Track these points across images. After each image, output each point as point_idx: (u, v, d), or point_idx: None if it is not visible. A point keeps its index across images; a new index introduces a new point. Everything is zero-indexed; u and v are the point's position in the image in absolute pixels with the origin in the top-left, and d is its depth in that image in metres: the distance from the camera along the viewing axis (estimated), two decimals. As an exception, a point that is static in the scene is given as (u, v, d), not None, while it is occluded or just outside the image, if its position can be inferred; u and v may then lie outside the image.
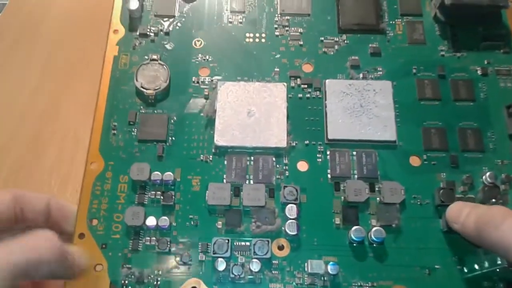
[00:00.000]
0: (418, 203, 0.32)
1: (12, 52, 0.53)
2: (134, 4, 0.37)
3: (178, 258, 0.30)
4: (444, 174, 0.32)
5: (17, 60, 0.52)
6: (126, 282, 0.30)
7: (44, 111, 0.49)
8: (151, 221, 0.30)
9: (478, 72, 0.35)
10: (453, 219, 0.29)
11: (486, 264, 0.29)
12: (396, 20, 0.37)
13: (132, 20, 0.37)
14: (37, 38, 0.54)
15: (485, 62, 0.36)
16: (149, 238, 0.31)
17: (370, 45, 0.36)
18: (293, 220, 0.30)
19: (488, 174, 0.32)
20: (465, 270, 0.30)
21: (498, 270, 0.28)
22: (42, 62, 0.52)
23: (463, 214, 0.29)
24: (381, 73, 0.36)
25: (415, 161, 0.33)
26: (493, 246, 0.27)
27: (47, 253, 0.25)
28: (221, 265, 0.30)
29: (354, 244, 0.31)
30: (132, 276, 0.30)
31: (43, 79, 0.51)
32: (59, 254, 0.26)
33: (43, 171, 0.45)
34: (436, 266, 0.30)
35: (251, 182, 0.32)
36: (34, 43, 0.53)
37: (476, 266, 0.29)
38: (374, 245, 0.31)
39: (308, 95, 0.35)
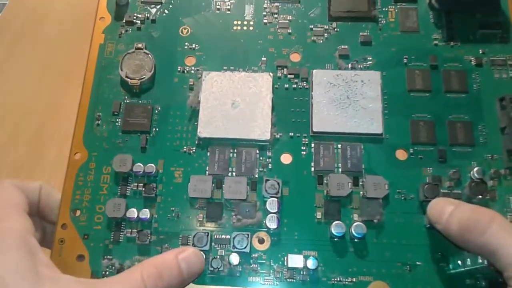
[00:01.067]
0: (403, 198, 0.31)
1: (12, 52, 0.53)
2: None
3: (158, 250, 0.30)
4: (431, 168, 0.32)
5: (17, 60, 0.52)
6: (107, 273, 0.30)
7: (44, 111, 0.49)
8: (131, 213, 0.31)
9: (472, 62, 0.34)
10: (435, 219, 0.29)
11: (468, 262, 0.28)
12: (389, 7, 0.36)
13: (119, 7, 0.37)
14: (37, 38, 0.54)
15: (480, 52, 0.34)
16: (130, 230, 0.31)
17: (360, 33, 0.35)
18: (274, 214, 0.30)
19: (475, 169, 0.31)
20: (450, 266, 0.30)
21: (479, 268, 0.28)
22: (42, 62, 0.52)
23: (445, 213, 0.28)
24: (370, 62, 0.35)
25: (401, 154, 0.32)
26: (478, 250, 0.26)
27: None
28: (200, 258, 0.30)
29: (335, 239, 0.30)
30: (113, 267, 0.30)
31: (43, 79, 0.51)
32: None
33: (43, 171, 0.46)
34: (418, 263, 0.30)
35: (234, 174, 0.32)
36: (34, 43, 0.53)
37: (460, 263, 0.29)
38: (355, 240, 0.30)
39: (295, 86, 0.34)
